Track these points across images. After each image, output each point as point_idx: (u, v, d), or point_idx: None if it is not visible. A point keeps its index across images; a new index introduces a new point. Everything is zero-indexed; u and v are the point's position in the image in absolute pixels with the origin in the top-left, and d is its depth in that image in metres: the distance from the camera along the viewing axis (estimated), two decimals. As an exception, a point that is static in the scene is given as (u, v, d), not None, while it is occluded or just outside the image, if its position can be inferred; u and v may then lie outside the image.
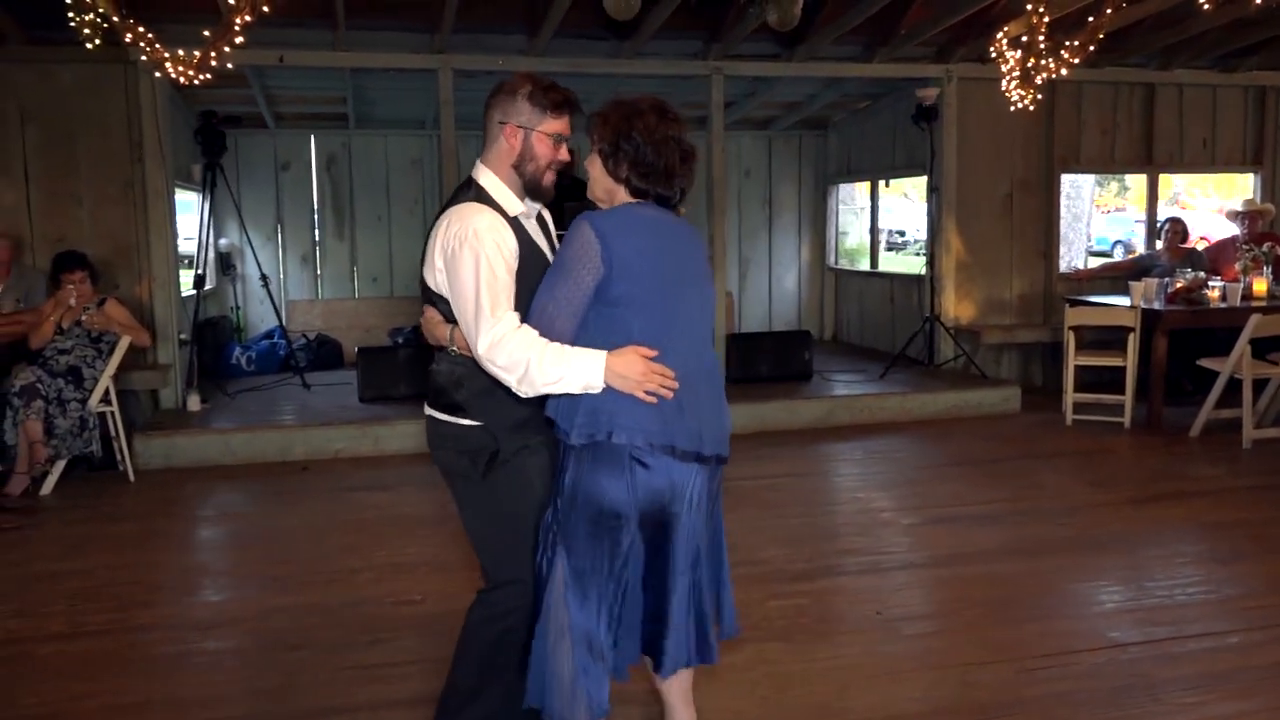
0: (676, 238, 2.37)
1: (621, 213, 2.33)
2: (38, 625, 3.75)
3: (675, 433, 2.29)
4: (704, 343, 2.43)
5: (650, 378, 2.23)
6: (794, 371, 7.89)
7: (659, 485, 2.31)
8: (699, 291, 2.40)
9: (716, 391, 2.46)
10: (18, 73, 6.72)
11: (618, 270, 2.24)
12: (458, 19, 6.83)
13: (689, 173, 2.36)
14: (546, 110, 2.39)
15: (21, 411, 5.49)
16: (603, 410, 2.26)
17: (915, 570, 4.29)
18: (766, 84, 8.62)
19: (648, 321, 2.28)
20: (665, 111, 2.33)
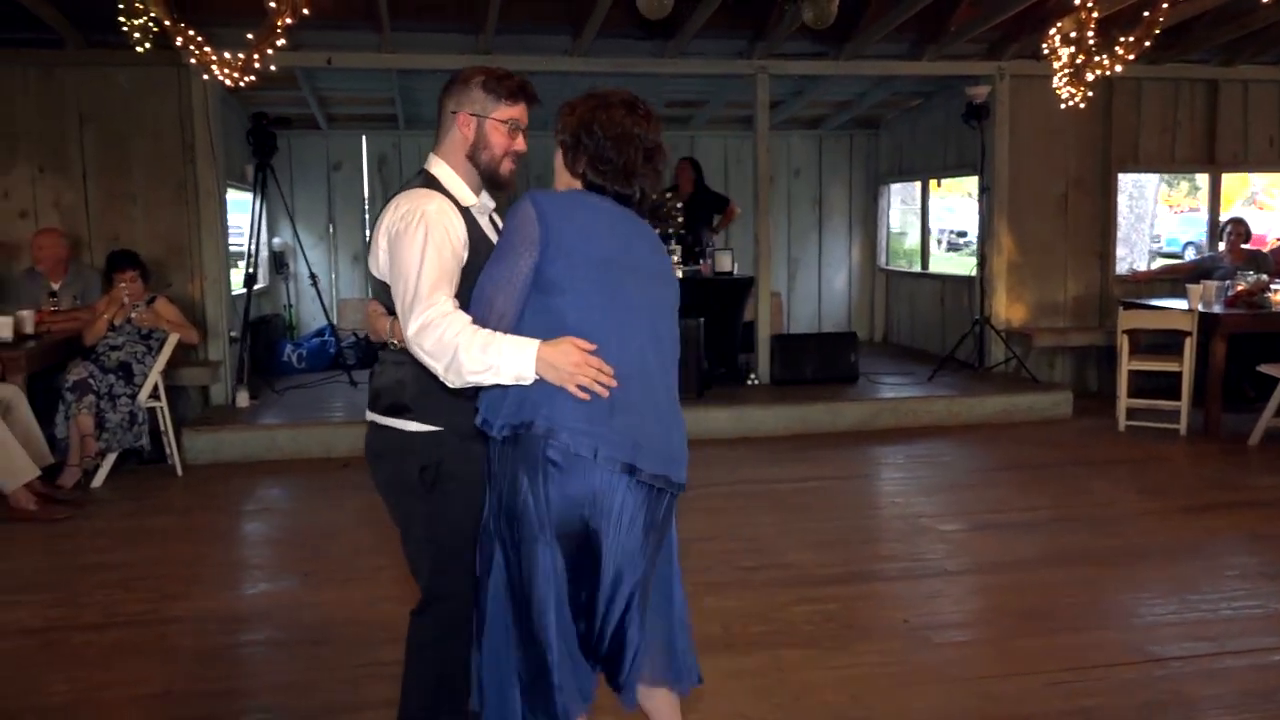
0: (630, 232, 2.20)
1: (569, 194, 2.21)
2: (74, 614, 3.84)
3: (600, 435, 2.07)
4: (653, 346, 2.19)
5: (584, 369, 2.04)
6: (839, 373, 7.78)
7: (574, 493, 2.08)
8: (647, 287, 2.19)
9: (668, 405, 2.21)
10: (76, 76, 6.91)
11: (555, 249, 2.08)
12: (501, 20, 6.87)
13: (652, 172, 2.21)
14: (501, 97, 2.32)
15: (74, 406, 5.64)
16: (528, 401, 2.08)
17: (949, 578, 4.19)
18: (814, 83, 8.53)
19: (587, 311, 2.10)
20: (635, 106, 2.22)
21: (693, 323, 7.08)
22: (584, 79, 8.02)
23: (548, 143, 2.50)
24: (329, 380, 8.06)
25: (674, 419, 2.23)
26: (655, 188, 2.25)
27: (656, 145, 2.21)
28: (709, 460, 6.20)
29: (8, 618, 3.81)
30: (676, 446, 2.22)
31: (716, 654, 3.38)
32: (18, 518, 5.03)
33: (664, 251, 2.33)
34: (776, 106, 9.30)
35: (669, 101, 9.30)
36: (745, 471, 5.93)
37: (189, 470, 6.08)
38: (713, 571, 4.21)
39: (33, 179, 6.96)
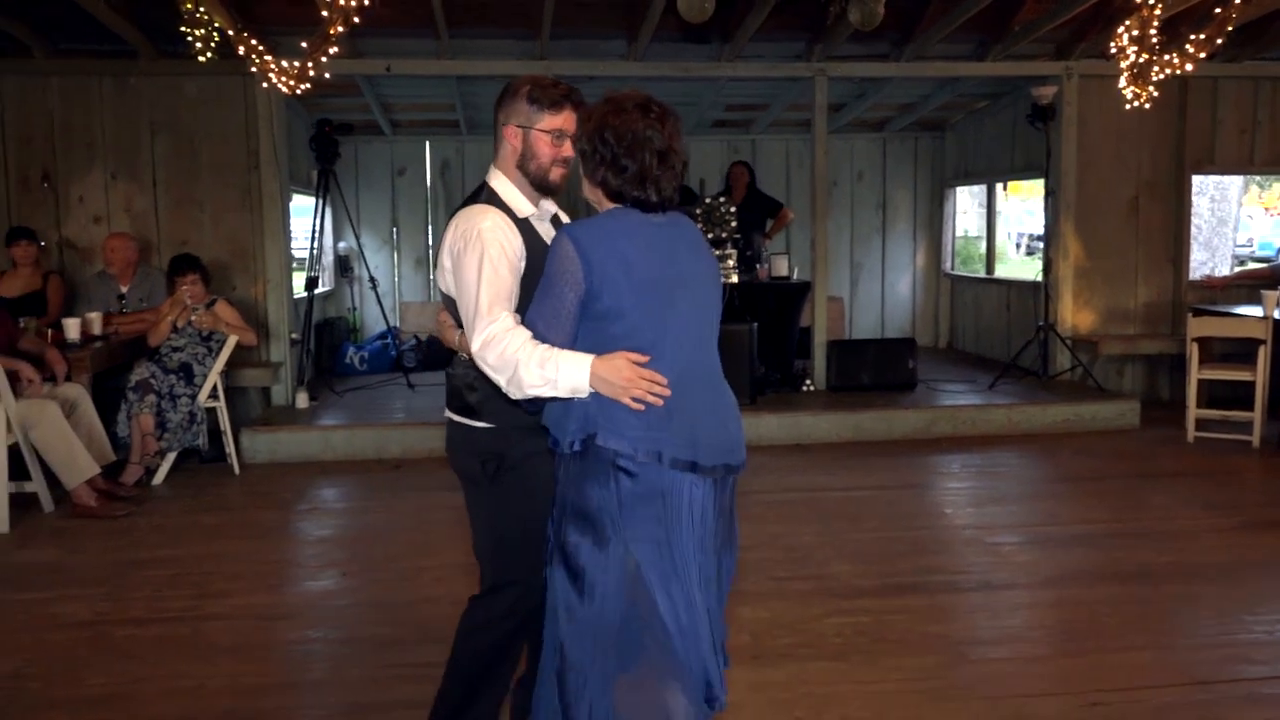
0: (663, 240, 2.24)
1: (599, 222, 2.24)
2: (121, 608, 3.96)
3: (663, 439, 2.16)
4: (701, 347, 2.29)
5: (636, 383, 2.12)
6: (897, 380, 7.64)
7: (646, 494, 2.17)
8: (695, 293, 2.26)
9: (718, 397, 2.31)
10: (148, 86, 7.13)
11: (600, 283, 2.15)
12: (557, 26, 6.92)
13: (668, 173, 2.21)
14: (544, 107, 2.36)
15: (136, 405, 5.82)
16: (590, 416, 2.18)
17: (992, 592, 4.07)
18: (876, 85, 8.40)
19: (637, 329, 2.17)
20: (648, 109, 2.20)
21: (745, 328, 7.03)
22: (641, 84, 8.04)
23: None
24: (389, 383, 8.19)
25: (726, 407, 2.33)
26: (673, 188, 2.25)
27: (669, 146, 2.21)
28: (757, 467, 6.13)
29: (61, 610, 3.94)
30: (733, 432, 2.31)
31: (742, 665, 3.34)
32: (80, 513, 5.21)
33: (703, 246, 2.37)
34: (839, 109, 9.21)
35: (729, 105, 9.25)
36: (793, 479, 5.86)
37: (246, 469, 6.23)
38: (747, 580, 4.15)
39: (106, 185, 7.21)
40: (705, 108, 9.05)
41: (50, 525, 5.13)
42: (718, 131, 10.11)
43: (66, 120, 7.13)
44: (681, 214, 2.33)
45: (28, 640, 3.66)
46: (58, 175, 7.16)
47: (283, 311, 7.29)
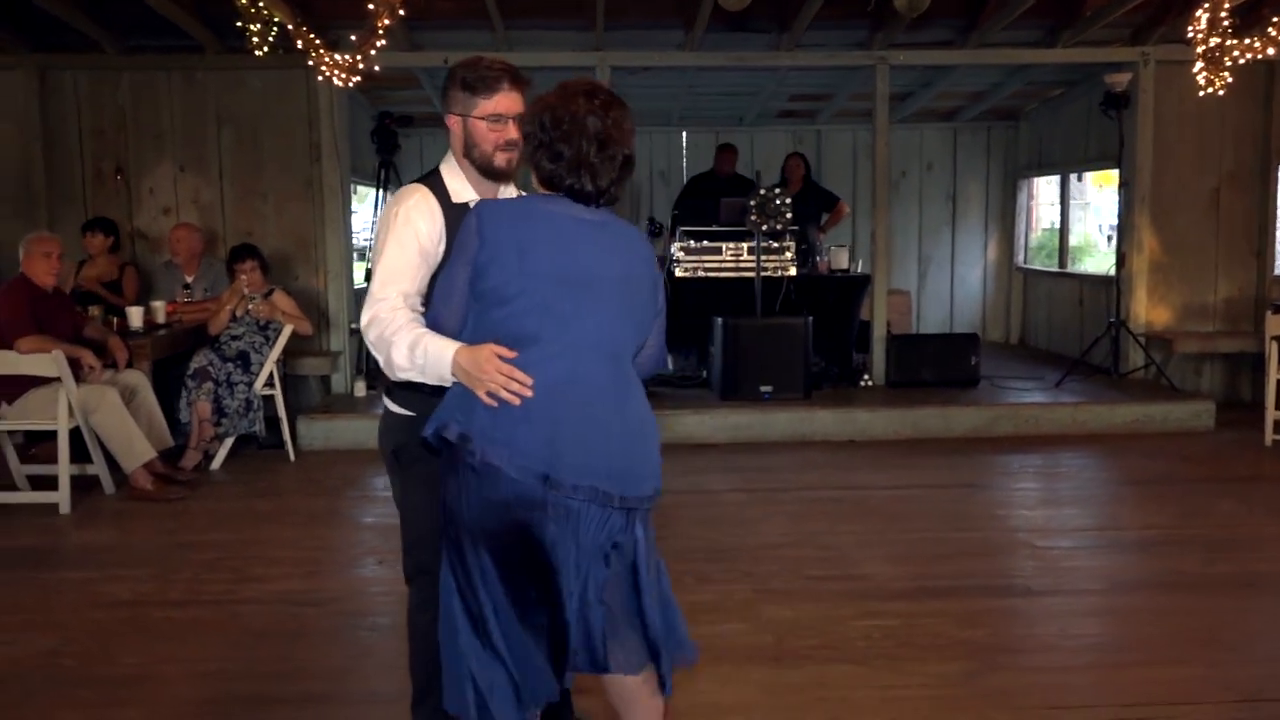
0: (580, 236, 2.12)
1: (513, 202, 2.19)
2: (161, 590, 4.06)
3: (512, 444, 2.03)
4: (602, 356, 2.11)
5: (494, 377, 2.00)
6: (959, 376, 7.43)
7: (494, 498, 2.06)
8: (605, 299, 2.11)
9: (615, 416, 2.12)
10: (214, 80, 7.31)
11: (488, 262, 2.06)
12: (615, 17, 6.90)
13: (607, 163, 2.10)
14: (476, 92, 2.31)
15: (194, 392, 5.97)
16: (455, 407, 2.09)
17: (1034, 598, 3.93)
18: (943, 73, 8.19)
19: (515, 318, 2.06)
20: (594, 94, 2.12)
21: (799, 321, 6.92)
22: (698, 74, 7.98)
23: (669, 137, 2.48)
24: (447, 372, 8.25)
25: (629, 431, 2.15)
26: (610, 180, 2.13)
27: (609, 135, 2.10)
28: (805, 463, 6.05)
29: (105, 590, 4.06)
30: (626, 460, 2.13)
31: (761, 665, 3.28)
32: (136, 496, 5.36)
33: (635, 251, 2.21)
34: (905, 99, 9.02)
35: (792, 95, 9.12)
36: (840, 476, 5.75)
37: (302, 456, 6.35)
38: (777, 579, 4.09)
39: (175, 177, 7.42)
40: (767, 98, 8.93)
41: (109, 507, 5.30)
42: (782, 122, 9.98)
43: (137, 114, 7.35)
44: (613, 214, 2.21)
45: (70, 618, 3.77)
46: (130, 168, 7.39)
47: (342, 301, 7.41)
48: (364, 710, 3.08)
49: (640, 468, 2.16)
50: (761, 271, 7.20)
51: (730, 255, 7.47)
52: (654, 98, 8.88)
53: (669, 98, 8.95)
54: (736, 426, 6.63)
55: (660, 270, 2.26)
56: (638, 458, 2.16)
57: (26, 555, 4.61)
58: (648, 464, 2.18)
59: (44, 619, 3.77)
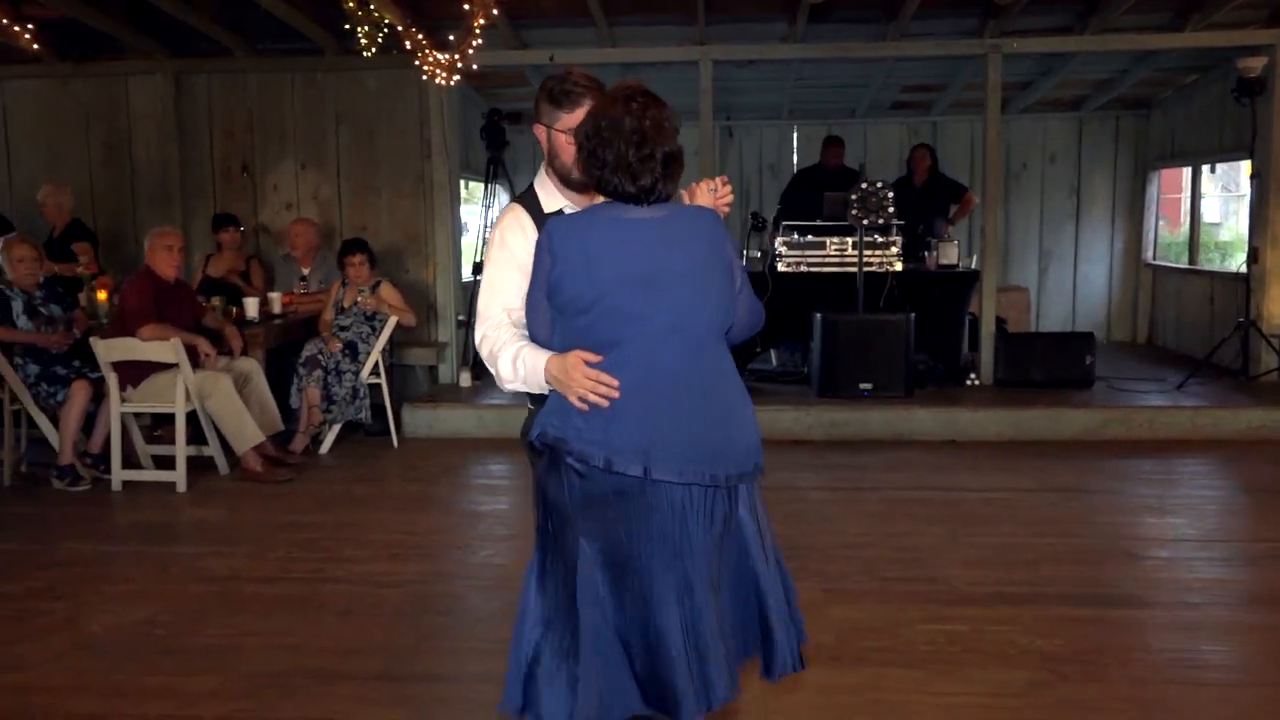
0: (642, 236, 2.16)
1: (577, 215, 2.25)
2: (255, 567, 4.28)
3: (606, 442, 2.11)
4: (678, 348, 2.15)
5: (581, 382, 2.10)
6: (1072, 376, 7.14)
7: (596, 497, 2.14)
8: (674, 291, 2.14)
9: (703, 402, 2.17)
10: (332, 81, 7.63)
11: (560, 276, 2.15)
12: (717, 11, 6.89)
13: (646, 162, 2.12)
14: (559, 105, 2.36)
15: (305, 379, 6.27)
16: (552, 412, 2.19)
17: (1117, 609, 3.75)
18: (1063, 61, 7.86)
19: (595, 325, 2.14)
20: (632, 98, 2.14)
21: (900, 318, 6.78)
22: (803, 66, 7.89)
23: (780, 131, 2.35)
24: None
25: (720, 413, 2.20)
26: (653, 179, 2.15)
27: (645, 135, 2.12)
28: (898, 463, 5.93)
29: (204, 565, 4.32)
30: (719, 442, 2.18)
31: (820, 665, 3.23)
32: (247, 477, 5.66)
33: (698, 240, 2.21)
34: (1025, 88, 8.71)
35: (905, 86, 8.90)
36: (932, 477, 5.61)
37: (405, 443, 6.57)
38: (849, 579, 4.03)
39: (296, 174, 7.77)
40: (878, 89, 8.74)
41: (221, 487, 5.61)
42: (896, 114, 9.76)
43: (263, 115, 7.73)
44: (678, 207, 2.24)
45: (169, 590, 4.03)
46: (255, 166, 7.78)
47: (450, 294, 7.63)
48: (422, 689, 3.19)
49: (734, 446, 2.20)
50: (865, 266, 7.07)
51: (834, 250, 7.36)
52: (762, 91, 8.82)
53: (777, 91, 8.86)
54: (833, 423, 6.55)
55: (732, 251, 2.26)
56: (731, 437, 2.20)
57: (143, 529, 4.94)
58: (741, 441, 2.21)
59: (146, 590, 4.03)
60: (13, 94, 7.87)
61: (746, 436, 2.23)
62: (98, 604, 3.89)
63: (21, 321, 5.66)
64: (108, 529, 4.95)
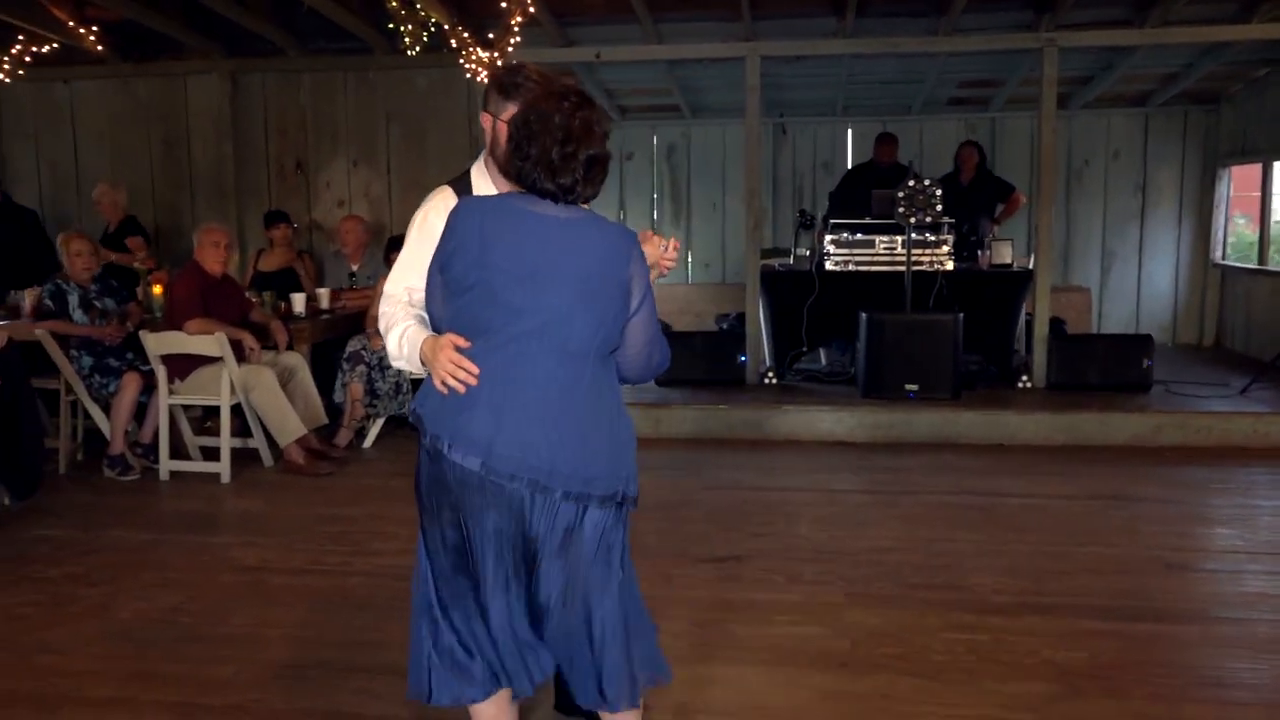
0: (546, 233, 2.13)
1: (493, 198, 2.25)
2: (284, 558, 4.36)
3: (453, 429, 2.12)
4: (557, 354, 2.13)
5: (444, 365, 2.11)
6: (1129, 380, 6.93)
7: (442, 480, 2.17)
8: (565, 298, 2.11)
9: (560, 412, 2.13)
10: (383, 80, 7.74)
11: (452, 253, 2.15)
12: (764, 6, 6.83)
13: (568, 161, 2.10)
14: (507, 96, 2.36)
15: (348, 374, 6.36)
16: (423, 391, 2.25)
17: (1151, 624, 3.61)
18: (1123, 54, 7.63)
19: (471, 308, 2.13)
20: (566, 96, 2.14)
21: (948, 318, 6.64)
22: (853, 62, 7.78)
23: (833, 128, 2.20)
24: (599, 361, 8.41)
25: (578, 426, 2.15)
26: (574, 180, 2.13)
27: (572, 134, 2.11)
28: (941, 466, 5.81)
29: (237, 555, 4.41)
30: (571, 454, 2.13)
31: (827, 671, 3.20)
32: (289, 470, 5.77)
33: (608, 254, 2.16)
34: (1086, 83, 8.48)
35: (961, 81, 8.72)
36: (974, 482, 5.48)
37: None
38: (874, 583, 3.96)
39: (348, 171, 7.90)
40: (933, 85, 8.58)
41: (264, 479, 5.72)
42: (953, 110, 9.57)
43: (316, 113, 7.88)
44: (591, 215, 2.21)
45: (200, 579, 4.12)
46: (309, 163, 7.93)
47: (496, 291, 7.66)
48: (430, 684, 3.20)
49: (590, 465, 2.15)
50: (915, 266, 6.95)
51: (883, 248, 7.24)
52: (814, 87, 8.72)
53: (829, 87, 8.76)
54: (876, 425, 6.45)
55: (638, 275, 2.18)
56: (587, 454, 2.15)
57: (184, 519, 5.06)
58: (599, 462, 2.16)
59: (178, 578, 4.13)
60: (79, 94, 8.13)
61: (604, 458, 2.17)
62: (131, 591, 3.99)
63: (77, 315, 5.85)
64: (151, 517, 5.08)
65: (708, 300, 9.79)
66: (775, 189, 9.99)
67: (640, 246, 2.23)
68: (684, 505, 5.09)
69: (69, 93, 8.14)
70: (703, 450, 6.21)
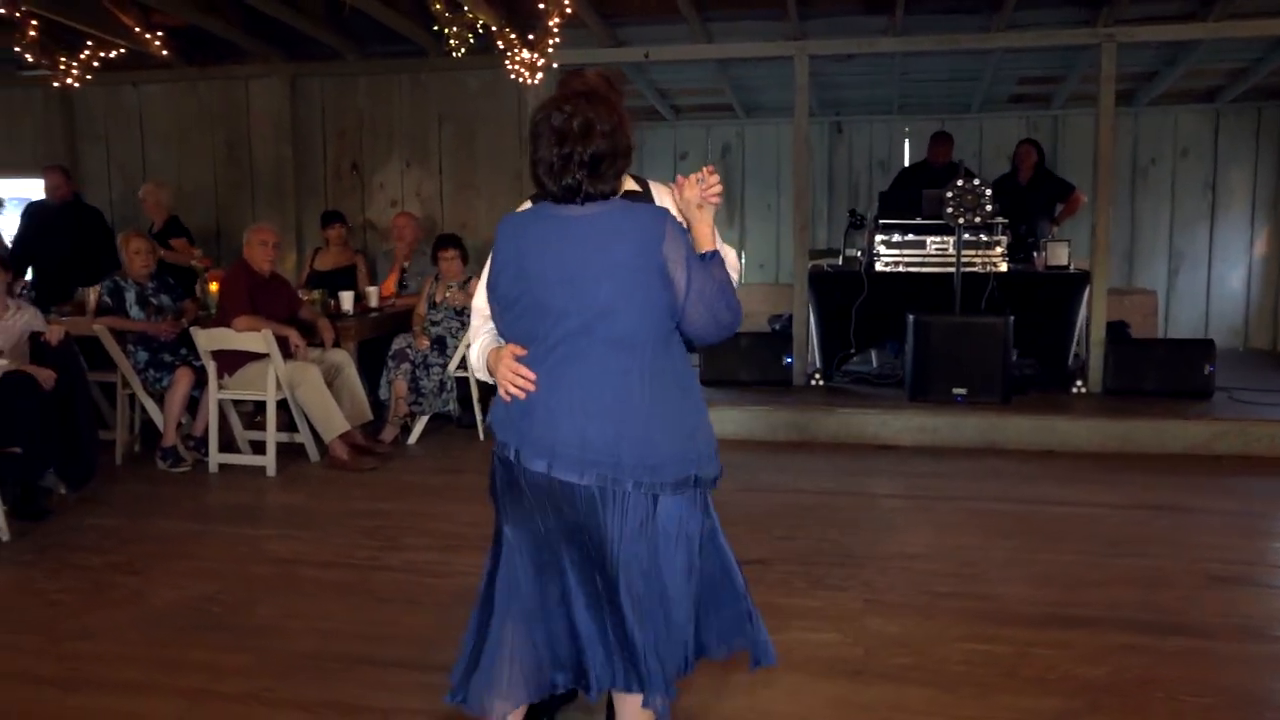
0: (576, 234, 2.15)
1: (524, 213, 2.30)
2: (316, 551, 4.44)
3: (519, 435, 2.19)
4: (610, 347, 2.14)
5: (505, 375, 2.20)
6: (1189, 386, 6.70)
7: (519, 484, 2.22)
8: (598, 293, 2.13)
9: (620, 406, 2.15)
10: (436, 81, 7.84)
11: (498, 272, 2.24)
12: (811, 4, 6.76)
13: (565, 161, 2.12)
14: None
15: (393, 372, 6.46)
16: (495, 402, 2.31)
17: (1184, 639, 3.48)
18: (1187, 49, 7.38)
19: (519, 320, 2.21)
20: (569, 98, 2.17)
21: (997, 321, 6.50)
22: (904, 60, 7.66)
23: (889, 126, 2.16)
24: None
25: (634, 417, 2.15)
26: (576, 179, 2.14)
27: (567, 134, 2.13)
28: (985, 472, 5.69)
29: (271, 548, 4.51)
30: (640, 446, 2.14)
31: (838, 680, 3.16)
32: (333, 465, 5.88)
33: (635, 241, 2.14)
34: (1151, 78, 8.22)
35: (1022, 79, 8.53)
36: (1018, 489, 5.36)
37: (490, 437, 6.68)
38: (896, 591, 3.89)
39: (401, 172, 8.03)
40: (990, 82, 8.40)
41: (309, 473, 5.84)
42: (1013, 108, 9.37)
43: (372, 115, 8.01)
44: (616, 205, 2.20)
45: (234, 569, 4.22)
46: (364, 164, 8.07)
47: (544, 290, 7.72)
48: (441, 679, 3.17)
49: (654, 452, 2.15)
50: (966, 267, 6.82)
51: (934, 249, 7.12)
52: (867, 85, 8.61)
53: (883, 85, 8.63)
54: (922, 429, 6.34)
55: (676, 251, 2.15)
56: (651, 442, 2.16)
57: (227, 511, 5.19)
58: (664, 448, 2.16)
59: (212, 568, 4.23)
60: (146, 97, 8.39)
61: (675, 445, 2.18)
62: (166, 580, 4.11)
63: (134, 311, 6.04)
64: (196, 508, 5.22)
65: (761, 301, 9.70)
66: (831, 189, 9.89)
67: (673, 224, 2.19)
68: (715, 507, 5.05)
69: (137, 96, 8.40)
70: (743, 452, 6.17)
